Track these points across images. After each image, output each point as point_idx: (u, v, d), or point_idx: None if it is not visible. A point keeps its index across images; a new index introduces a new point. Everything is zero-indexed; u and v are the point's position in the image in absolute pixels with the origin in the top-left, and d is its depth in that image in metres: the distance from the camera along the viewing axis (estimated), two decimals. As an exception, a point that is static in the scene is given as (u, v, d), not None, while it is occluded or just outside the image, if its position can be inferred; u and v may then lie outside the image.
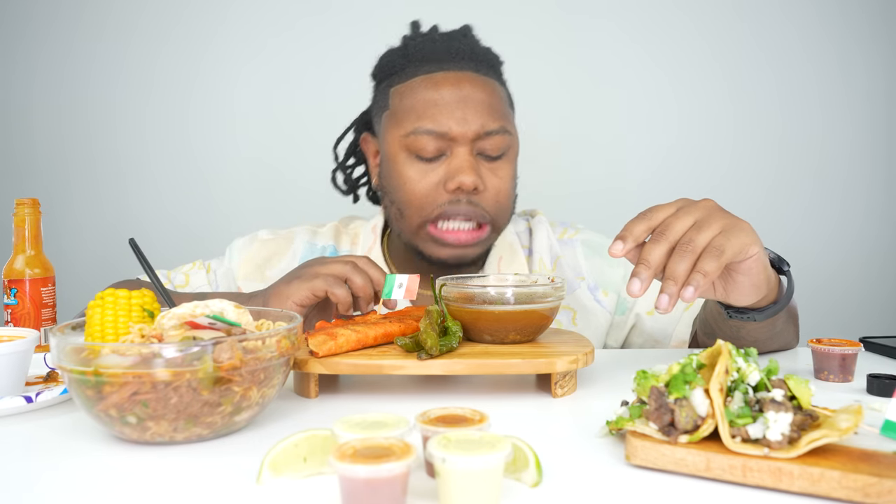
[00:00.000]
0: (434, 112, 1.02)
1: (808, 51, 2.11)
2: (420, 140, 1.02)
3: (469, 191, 1.02)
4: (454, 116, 1.01)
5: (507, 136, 1.05)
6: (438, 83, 1.03)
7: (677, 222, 0.74)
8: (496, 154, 1.04)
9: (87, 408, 0.61)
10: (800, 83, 2.11)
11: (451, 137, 1.02)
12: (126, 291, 0.69)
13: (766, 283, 0.80)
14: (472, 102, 1.02)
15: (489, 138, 1.03)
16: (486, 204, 1.04)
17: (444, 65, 1.05)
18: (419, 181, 1.03)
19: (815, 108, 2.11)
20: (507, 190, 1.06)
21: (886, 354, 0.99)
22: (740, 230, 0.74)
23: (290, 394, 0.78)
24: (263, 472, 0.53)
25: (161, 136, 2.11)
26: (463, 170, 1.01)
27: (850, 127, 2.12)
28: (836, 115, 2.12)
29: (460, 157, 1.02)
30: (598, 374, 0.87)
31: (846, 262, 2.13)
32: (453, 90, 1.02)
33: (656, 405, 0.55)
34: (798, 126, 2.12)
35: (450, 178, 1.01)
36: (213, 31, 2.09)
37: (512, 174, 1.08)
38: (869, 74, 2.11)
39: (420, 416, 0.55)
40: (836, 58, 2.11)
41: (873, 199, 2.14)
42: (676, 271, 0.71)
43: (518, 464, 0.53)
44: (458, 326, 0.80)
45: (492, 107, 1.04)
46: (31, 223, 1.06)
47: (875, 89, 2.11)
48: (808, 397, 0.56)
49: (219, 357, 0.59)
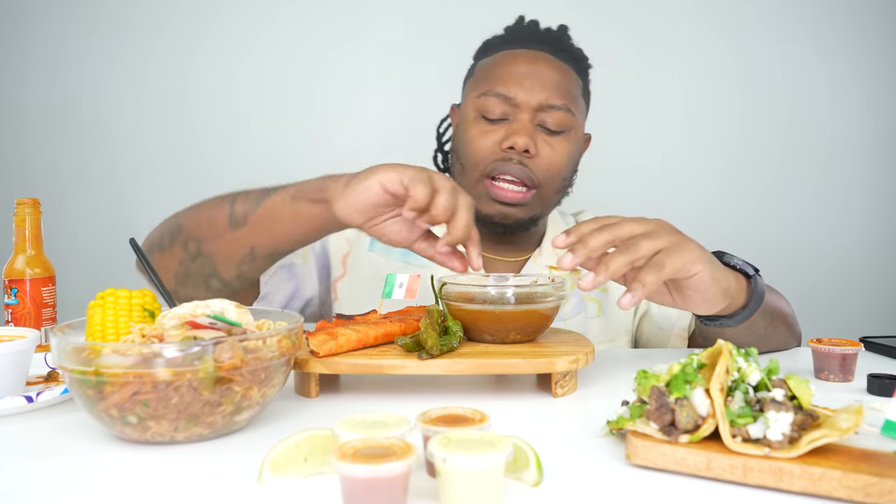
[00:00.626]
0: (506, 78, 1.10)
1: (819, 48, 2.10)
2: (489, 101, 1.10)
3: (521, 151, 1.07)
4: (522, 85, 1.09)
5: (570, 115, 1.10)
6: (517, 57, 1.12)
7: (627, 224, 0.79)
8: (556, 129, 1.10)
9: (87, 408, 0.61)
10: (807, 80, 2.10)
11: (515, 103, 1.09)
12: (126, 291, 0.69)
13: (721, 295, 0.82)
14: (541, 77, 1.10)
15: (551, 112, 1.09)
16: (536, 169, 1.09)
17: (527, 45, 1.14)
18: (480, 138, 1.10)
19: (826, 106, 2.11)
20: (559, 163, 1.10)
21: (886, 354, 0.99)
22: (685, 249, 0.78)
23: (291, 393, 0.78)
24: (264, 472, 0.53)
25: (161, 135, 2.10)
26: (518, 132, 1.07)
27: (856, 128, 2.12)
28: (843, 115, 2.12)
29: (520, 121, 1.08)
30: (598, 374, 0.87)
31: (847, 262, 2.13)
32: (528, 65, 1.11)
33: (657, 405, 0.55)
34: (803, 127, 2.12)
35: (506, 138, 1.08)
36: (208, 25, 2.08)
37: (568, 153, 1.12)
38: (874, 73, 2.11)
39: (421, 415, 0.55)
40: (844, 58, 2.11)
41: (875, 200, 2.14)
42: (612, 262, 0.75)
43: (518, 463, 0.53)
44: (459, 326, 0.80)
45: (559, 85, 1.10)
46: (32, 223, 1.06)
47: (881, 86, 2.11)
48: (808, 397, 0.56)
49: (219, 357, 0.59)
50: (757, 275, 0.86)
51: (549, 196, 1.13)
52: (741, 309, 0.86)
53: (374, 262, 1.16)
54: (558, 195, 1.15)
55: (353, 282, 1.16)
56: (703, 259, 0.79)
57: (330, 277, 1.17)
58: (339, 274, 1.17)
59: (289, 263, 1.13)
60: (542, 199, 1.12)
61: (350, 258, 1.17)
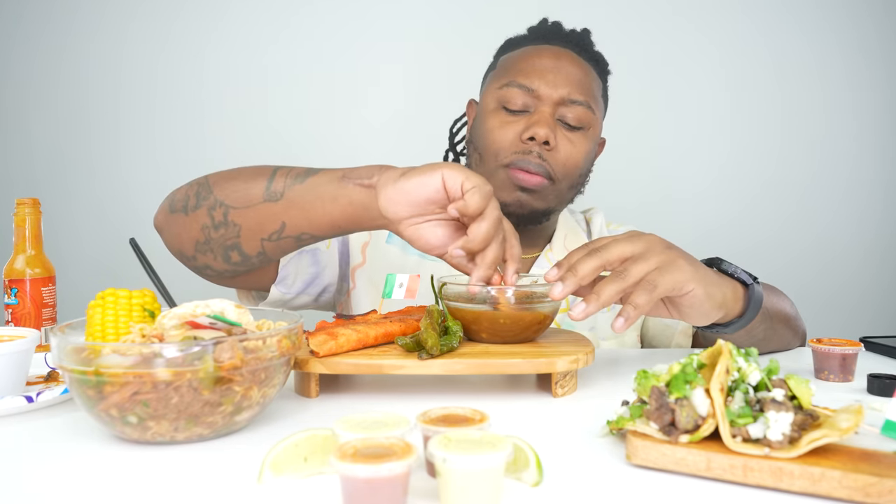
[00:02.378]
0: (529, 70, 1.11)
1: (814, 52, 2.11)
2: (511, 92, 1.10)
3: (541, 142, 1.07)
4: (545, 78, 1.09)
5: (590, 112, 1.11)
6: (541, 52, 1.13)
7: (616, 247, 0.79)
8: (576, 125, 1.10)
9: (87, 408, 0.61)
10: (805, 82, 2.11)
11: (537, 95, 1.09)
12: (127, 291, 0.69)
13: (715, 309, 0.82)
14: (564, 72, 1.10)
15: (572, 107, 1.09)
16: (554, 163, 1.09)
17: (551, 41, 1.16)
18: (500, 129, 1.10)
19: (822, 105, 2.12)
20: (577, 159, 1.11)
21: (887, 354, 0.99)
22: (676, 268, 0.78)
23: (291, 393, 0.78)
24: (264, 472, 0.53)
25: (162, 134, 2.11)
26: (539, 123, 1.07)
27: (854, 127, 2.12)
28: (840, 116, 2.12)
29: (541, 113, 1.09)
30: (598, 374, 0.87)
31: (847, 262, 2.13)
32: (552, 59, 1.12)
33: (657, 405, 0.55)
34: (801, 127, 2.12)
35: (526, 129, 1.08)
36: (213, 25, 2.09)
37: (586, 149, 1.12)
38: (873, 78, 2.11)
39: (421, 415, 0.55)
40: (841, 60, 2.11)
41: (874, 200, 2.14)
42: (603, 291, 0.76)
43: (519, 463, 0.53)
44: (459, 326, 0.80)
45: (581, 82, 1.11)
46: (32, 223, 1.06)
47: (879, 90, 2.11)
48: (808, 397, 0.56)
49: (220, 357, 0.59)
50: (755, 283, 0.86)
51: (565, 191, 1.13)
52: (738, 317, 0.86)
53: (392, 255, 1.17)
54: (573, 191, 1.16)
55: (371, 271, 1.16)
56: (696, 277, 0.79)
57: (349, 265, 1.18)
58: (359, 262, 1.17)
59: (312, 248, 1.12)
60: (557, 193, 1.12)
61: (369, 247, 1.18)
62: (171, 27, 2.08)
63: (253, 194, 0.87)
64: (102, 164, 2.11)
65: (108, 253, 2.07)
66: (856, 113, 2.12)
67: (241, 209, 0.87)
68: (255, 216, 0.87)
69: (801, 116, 2.11)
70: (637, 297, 0.75)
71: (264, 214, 0.87)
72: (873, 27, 2.10)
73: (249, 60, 2.09)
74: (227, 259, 0.91)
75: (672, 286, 0.77)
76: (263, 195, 0.86)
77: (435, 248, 0.81)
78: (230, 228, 0.89)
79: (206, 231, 0.90)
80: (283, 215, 0.86)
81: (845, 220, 2.13)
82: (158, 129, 2.10)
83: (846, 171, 2.13)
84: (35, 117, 2.10)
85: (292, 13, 2.08)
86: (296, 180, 0.86)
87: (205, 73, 2.09)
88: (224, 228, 0.89)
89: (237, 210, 0.87)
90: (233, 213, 0.88)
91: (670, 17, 2.09)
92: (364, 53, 2.08)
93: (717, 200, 2.09)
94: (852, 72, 2.11)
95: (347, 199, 0.82)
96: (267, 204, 0.86)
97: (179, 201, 0.92)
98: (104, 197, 2.11)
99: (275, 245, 0.89)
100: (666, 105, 2.12)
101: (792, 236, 2.10)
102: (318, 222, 0.85)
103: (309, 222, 0.86)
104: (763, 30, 2.10)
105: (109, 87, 2.09)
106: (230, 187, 0.89)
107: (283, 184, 0.86)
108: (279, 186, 0.86)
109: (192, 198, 0.91)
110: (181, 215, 0.91)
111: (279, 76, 2.09)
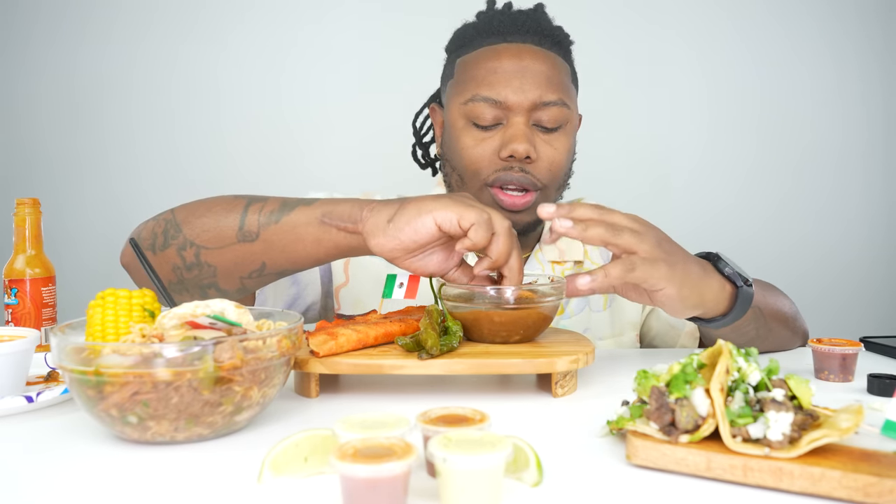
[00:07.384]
0: (493, 80, 1.04)
1: (805, 44, 2.11)
2: (478, 107, 1.04)
3: (521, 159, 1.03)
4: (511, 85, 1.03)
5: (565, 109, 1.05)
6: (500, 53, 1.05)
7: (620, 215, 0.80)
8: (553, 126, 1.05)
9: (87, 408, 0.61)
10: (805, 85, 2.11)
11: (507, 106, 1.03)
12: (127, 291, 0.69)
13: (689, 309, 0.83)
14: (530, 73, 1.04)
15: (546, 109, 1.04)
16: (538, 173, 1.05)
17: (507, 37, 1.07)
18: (475, 147, 1.05)
19: (806, 102, 2.12)
20: (560, 161, 1.07)
21: (887, 354, 0.99)
22: (657, 266, 0.78)
23: (291, 393, 0.78)
24: (264, 472, 0.53)
25: (162, 134, 2.11)
26: (517, 138, 1.02)
27: (853, 127, 2.12)
28: (832, 115, 2.12)
29: (515, 125, 1.03)
30: (598, 374, 0.87)
31: (846, 262, 2.13)
32: (513, 61, 1.04)
33: (657, 405, 0.55)
34: (800, 127, 2.12)
35: (504, 146, 1.03)
36: (224, 29, 2.09)
37: (568, 147, 1.08)
38: (862, 69, 2.11)
39: (421, 415, 0.55)
40: (828, 52, 2.11)
41: (874, 200, 2.14)
42: (590, 226, 0.77)
43: (519, 463, 0.53)
44: (459, 326, 0.80)
45: (550, 79, 1.05)
46: (32, 223, 1.06)
47: (873, 94, 2.11)
48: (808, 397, 0.56)
49: (220, 357, 0.59)
50: (745, 286, 0.85)
51: (553, 194, 1.12)
52: (722, 315, 0.86)
53: (376, 268, 1.14)
54: (560, 190, 1.14)
55: (356, 288, 1.14)
56: (671, 278, 0.79)
57: (332, 284, 1.15)
58: (342, 282, 1.15)
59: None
60: (545, 199, 1.10)
61: (352, 265, 1.15)
62: (180, 28, 2.08)
63: (225, 235, 0.83)
64: (103, 164, 2.11)
65: (108, 253, 2.07)
66: (842, 118, 2.12)
67: (215, 250, 0.84)
68: (232, 256, 0.84)
69: (796, 109, 2.11)
70: (613, 267, 0.77)
71: (241, 255, 0.83)
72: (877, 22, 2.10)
73: (250, 67, 2.10)
74: (205, 295, 0.87)
75: (647, 278, 0.78)
76: (237, 235, 0.83)
77: (435, 273, 0.81)
78: (204, 269, 0.85)
79: (178, 272, 0.86)
80: (262, 256, 0.83)
81: (847, 222, 2.13)
82: (159, 128, 2.11)
83: (847, 170, 2.13)
84: (35, 117, 2.10)
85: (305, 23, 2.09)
86: (270, 218, 0.82)
87: (206, 76, 2.09)
88: (198, 269, 0.85)
89: (210, 251, 0.84)
90: (205, 254, 0.84)
91: (668, 8, 2.09)
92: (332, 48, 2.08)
93: (711, 193, 2.09)
94: (841, 64, 2.11)
95: (332, 242, 0.81)
96: (243, 244, 0.83)
97: (146, 240, 0.88)
98: (104, 197, 2.11)
99: (256, 281, 0.87)
100: (660, 97, 2.12)
101: (793, 239, 2.10)
102: (302, 262, 0.84)
103: (292, 263, 0.84)
104: (758, 22, 2.10)
105: (110, 88, 2.09)
106: (199, 225, 0.84)
107: (257, 222, 0.82)
108: (253, 226, 0.82)
109: (160, 236, 0.87)
110: (149, 253, 0.87)
111: (279, 74, 2.10)
